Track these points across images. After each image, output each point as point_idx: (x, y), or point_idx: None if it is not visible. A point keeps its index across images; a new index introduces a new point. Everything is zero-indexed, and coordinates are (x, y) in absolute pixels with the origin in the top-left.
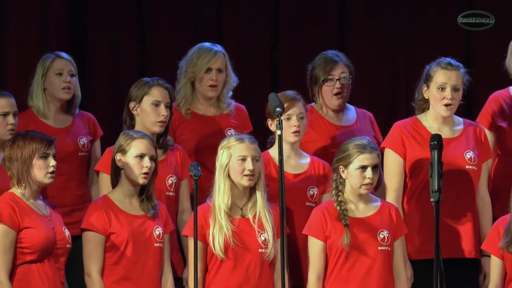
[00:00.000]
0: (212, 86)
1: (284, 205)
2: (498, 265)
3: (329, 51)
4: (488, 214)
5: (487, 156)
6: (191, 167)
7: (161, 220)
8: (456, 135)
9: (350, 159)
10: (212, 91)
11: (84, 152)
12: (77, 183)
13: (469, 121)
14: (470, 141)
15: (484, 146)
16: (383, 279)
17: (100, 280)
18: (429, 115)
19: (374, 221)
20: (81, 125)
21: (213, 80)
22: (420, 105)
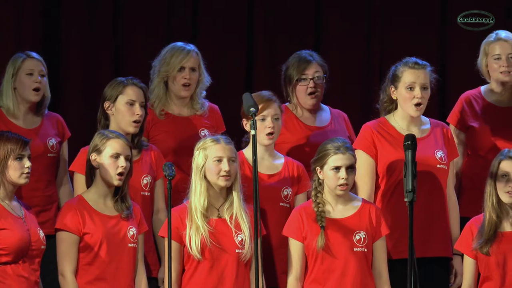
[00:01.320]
0: (185, 85)
1: (258, 205)
2: (471, 265)
3: (303, 51)
4: (455, 213)
5: (454, 155)
6: (165, 167)
7: (135, 220)
8: (424, 134)
9: (325, 159)
10: (185, 91)
11: (53, 153)
12: (45, 183)
13: (436, 120)
14: (438, 140)
15: (451, 145)
16: (359, 280)
17: (74, 280)
18: (397, 116)
19: (351, 222)
20: (49, 126)
21: (186, 79)
22: (385, 106)
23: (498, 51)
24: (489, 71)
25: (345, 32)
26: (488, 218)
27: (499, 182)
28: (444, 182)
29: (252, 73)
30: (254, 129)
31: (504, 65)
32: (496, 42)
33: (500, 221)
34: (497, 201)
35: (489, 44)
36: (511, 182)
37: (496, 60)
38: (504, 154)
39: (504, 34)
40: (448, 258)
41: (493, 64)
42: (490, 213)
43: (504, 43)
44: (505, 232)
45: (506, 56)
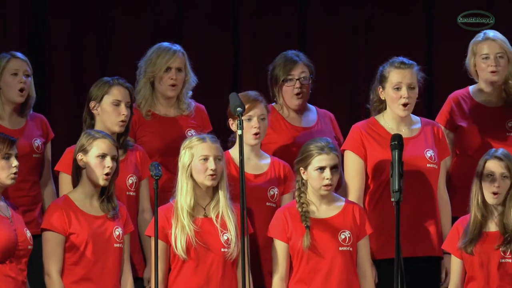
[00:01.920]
0: (172, 85)
1: (244, 205)
2: (458, 265)
3: (289, 51)
4: (447, 212)
5: (445, 154)
6: (152, 167)
7: (121, 220)
8: (414, 134)
9: (309, 160)
10: (172, 91)
11: (38, 154)
12: (30, 184)
13: (427, 119)
14: (429, 139)
15: (442, 144)
16: (345, 279)
17: (59, 280)
18: (386, 116)
19: (336, 222)
20: (34, 127)
21: (173, 79)
22: (375, 106)
23: (486, 50)
24: (478, 71)
25: (330, 32)
26: (473, 217)
27: (484, 182)
28: (435, 181)
29: (238, 73)
30: (241, 129)
31: (492, 65)
32: (484, 41)
33: (485, 221)
34: (482, 201)
35: (477, 43)
36: (496, 182)
37: (484, 60)
38: (490, 154)
39: (492, 34)
40: (439, 258)
41: (481, 64)
42: (475, 213)
43: (492, 43)
44: (489, 232)
45: (494, 55)
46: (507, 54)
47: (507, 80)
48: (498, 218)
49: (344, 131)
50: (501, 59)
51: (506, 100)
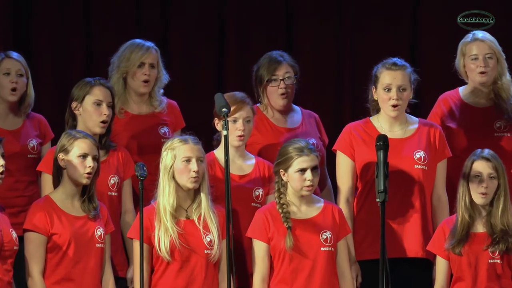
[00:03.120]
0: (144, 81)
1: (230, 206)
2: (444, 265)
3: (274, 51)
4: (444, 213)
5: (442, 155)
6: (137, 167)
7: (102, 220)
8: (408, 135)
9: (289, 162)
10: (144, 87)
11: (34, 155)
12: (25, 184)
13: (426, 121)
14: (422, 141)
15: (439, 145)
16: (327, 279)
17: (41, 280)
18: (380, 116)
19: (317, 222)
20: (31, 127)
21: (146, 75)
22: (374, 106)
23: (475, 51)
24: (467, 72)
25: (316, 32)
26: (460, 218)
27: (471, 183)
28: (425, 182)
29: (224, 74)
30: (226, 130)
31: (481, 66)
32: (473, 42)
33: (473, 222)
34: (469, 202)
35: (466, 44)
36: (483, 183)
37: (473, 61)
38: (477, 155)
39: (481, 35)
40: (426, 259)
41: (471, 65)
42: (462, 214)
43: (481, 44)
44: (477, 233)
45: (483, 56)
46: (496, 54)
47: (496, 81)
48: (486, 218)
49: (329, 131)
50: (490, 59)
51: (494, 101)
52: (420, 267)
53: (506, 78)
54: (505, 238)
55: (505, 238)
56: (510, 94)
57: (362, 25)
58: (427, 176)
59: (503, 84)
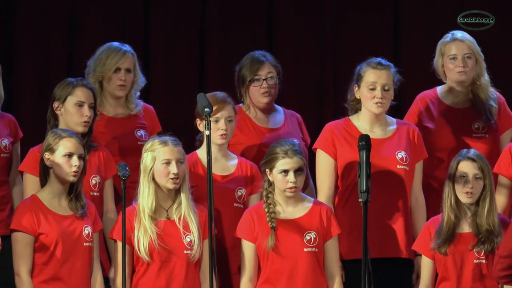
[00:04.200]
0: (120, 86)
1: (212, 206)
2: (429, 265)
3: (256, 51)
4: (422, 214)
5: (420, 156)
6: (119, 167)
7: (90, 218)
8: (388, 135)
9: (273, 163)
10: (120, 90)
11: (6, 154)
12: None
13: (403, 121)
14: (402, 141)
15: (417, 146)
16: (311, 280)
17: (29, 280)
18: (361, 116)
19: (302, 223)
20: (2, 126)
21: (122, 80)
22: (352, 105)
23: (454, 51)
24: (445, 71)
25: (298, 32)
26: (446, 218)
27: (457, 183)
28: (407, 182)
29: (206, 74)
30: (209, 130)
31: (460, 65)
32: (452, 42)
33: (458, 222)
34: (455, 202)
35: (445, 44)
36: (469, 183)
37: (452, 60)
38: (463, 155)
39: (460, 35)
40: (409, 259)
41: (449, 64)
42: (448, 214)
43: (460, 43)
44: (463, 233)
45: (462, 56)
46: (475, 55)
47: (474, 81)
48: (471, 218)
49: (311, 131)
50: (468, 59)
51: (472, 101)
52: (403, 267)
53: (485, 78)
54: (491, 238)
55: (490, 238)
56: (488, 95)
57: (344, 24)
58: (408, 176)
59: (481, 85)
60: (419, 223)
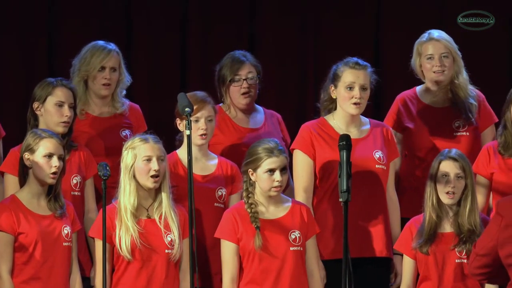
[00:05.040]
0: (105, 84)
1: (193, 206)
2: (411, 265)
3: (237, 51)
4: (396, 213)
5: (394, 155)
6: (100, 167)
7: (69, 219)
8: (364, 135)
9: (258, 162)
10: (105, 90)
11: None
12: None
13: (376, 121)
14: (377, 140)
15: (391, 145)
16: (296, 279)
17: (10, 280)
18: (336, 116)
19: (286, 222)
20: None
21: (107, 79)
22: (325, 105)
23: (431, 51)
24: (423, 71)
25: (279, 33)
26: (428, 218)
27: (439, 183)
28: (384, 182)
29: (187, 74)
30: (189, 129)
31: (437, 65)
32: (428, 42)
33: (440, 222)
34: (437, 202)
35: (422, 44)
36: (450, 183)
37: (429, 60)
38: (444, 155)
39: (436, 34)
40: (389, 259)
41: (426, 64)
42: (430, 213)
43: (437, 43)
44: (445, 232)
45: (439, 55)
46: (452, 54)
47: (452, 80)
48: (453, 218)
49: (291, 132)
50: (445, 59)
51: (452, 100)
52: (384, 267)
53: (463, 77)
54: (472, 238)
55: (472, 238)
56: (467, 93)
57: (325, 24)
58: (386, 175)
59: (460, 84)
60: (394, 222)
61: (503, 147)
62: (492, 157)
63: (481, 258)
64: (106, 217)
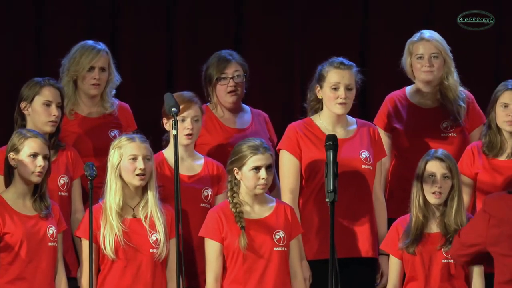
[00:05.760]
0: (94, 84)
1: (179, 206)
2: (397, 265)
3: (223, 50)
4: (383, 213)
5: (380, 155)
6: (86, 167)
7: (54, 219)
8: (350, 135)
9: (244, 160)
10: (94, 89)
11: None
12: None
13: (363, 121)
14: (364, 140)
15: (378, 145)
16: (280, 279)
17: None
18: (322, 116)
19: (270, 222)
20: None
21: (96, 79)
22: (312, 105)
23: (421, 50)
24: (413, 71)
25: (266, 32)
26: (414, 218)
27: (425, 183)
28: (371, 182)
29: (173, 73)
30: (176, 129)
31: (426, 65)
32: (419, 42)
33: (427, 222)
34: (423, 202)
35: (413, 43)
36: (437, 183)
37: (418, 60)
38: (431, 155)
39: (428, 34)
40: (374, 258)
41: (416, 64)
42: (416, 214)
43: (427, 43)
44: (431, 233)
45: (428, 55)
46: (442, 54)
47: (442, 81)
48: (440, 219)
49: (278, 131)
50: (435, 59)
51: (441, 101)
52: (370, 267)
53: (453, 78)
54: None
55: None
56: (457, 95)
57: (312, 23)
58: (372, 176)
59: (449, 85)
60: (381, 222)
61: (488, 147)
62: (476, 157)
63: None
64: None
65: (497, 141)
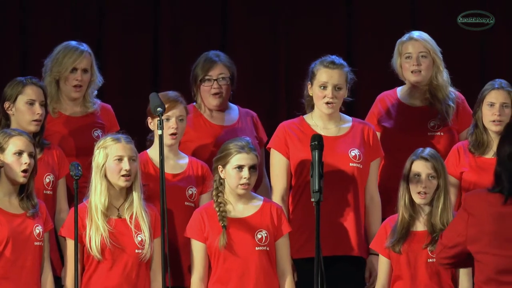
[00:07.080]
0: (76, 86)
1: (165, 206)
2: (385, 264)
3: (211, 51)
4: (376, 212)
5: (375, 154)
6: (72, 167)
7: (41, 218)
8: (343, 133)
9: (228, 158)
10: (76, 92)
11: None
12: None
13: (360, 120)
14: (356, 139)
15: (372, 144)
16: (263, 279)
17: None
18: (314, 114)
19: (253, 221)
20: None
21: (78, 81)
22: (308, 101)
23: (409, 50)
24: (403, 71)
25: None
26: (400, 218)
27: (411, 183)
28: (359, 180)
29: (159, 73)
30: (161, 129)
31: (414, 64)
32: (408, 41)
33: (413, 221)
34: (409, 201)
35: (402, 43)
36: (422, 183)
37: (407, 59)
38: (417, 155)
39: (417, 34)
40: (361, 257)
41: (405, 64)
42: (402, 213)
43: (416, 43)
44: (417, 231)
45: (416, 55)
46: (431, 54)
47: (431, 81)
48: (426, 218)
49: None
50: (424, 59)
51: (429, 101)
52: (354, 265)
53: (443, 78)
54: None
55: None
56: (446, 94)
57: (296, 24)
58: (362, 174)
59: (439, 84)
60: (375, 222)
61: (474, 146)
62: (462, 156)
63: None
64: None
65: (483, 140)
